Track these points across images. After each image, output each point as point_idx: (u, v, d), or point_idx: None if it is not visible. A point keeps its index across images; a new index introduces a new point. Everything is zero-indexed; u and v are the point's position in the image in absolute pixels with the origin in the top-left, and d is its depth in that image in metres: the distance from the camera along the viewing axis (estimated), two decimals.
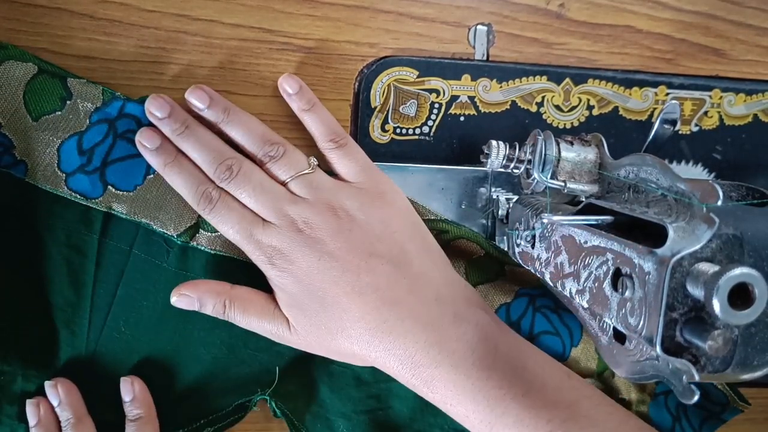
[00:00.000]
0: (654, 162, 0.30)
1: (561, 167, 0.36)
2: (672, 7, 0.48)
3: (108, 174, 0.40)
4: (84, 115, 0.39)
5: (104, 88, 0.39)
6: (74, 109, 0.39)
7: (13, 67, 0.38)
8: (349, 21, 0.43)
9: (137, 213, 0.40)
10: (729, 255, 0.24)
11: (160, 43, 0.41)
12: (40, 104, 0.38)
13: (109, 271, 0.41)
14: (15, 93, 0.38)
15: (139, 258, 0.41)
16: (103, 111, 0.39)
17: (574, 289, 0.32)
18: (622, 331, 0.29)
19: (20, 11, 0.39)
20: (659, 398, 0.49)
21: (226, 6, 0.41)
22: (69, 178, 0.39)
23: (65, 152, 0.39)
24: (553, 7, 0.46)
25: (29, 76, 0.38)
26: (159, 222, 0.40)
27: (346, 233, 0.37)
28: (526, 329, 0.46)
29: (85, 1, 0.39)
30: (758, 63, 0.50)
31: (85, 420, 0.41)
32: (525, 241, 0.39)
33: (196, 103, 0.38)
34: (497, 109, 0.46)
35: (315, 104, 0.40)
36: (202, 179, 0.38)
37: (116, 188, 0.40)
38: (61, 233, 0.40)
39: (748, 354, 0.25)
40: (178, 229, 0.41)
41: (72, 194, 0.39)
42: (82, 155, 0.39)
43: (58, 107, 0.38)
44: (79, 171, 0.39)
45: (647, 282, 0.25)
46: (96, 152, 0.39)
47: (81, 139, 0.39)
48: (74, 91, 0.39)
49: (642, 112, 0.48)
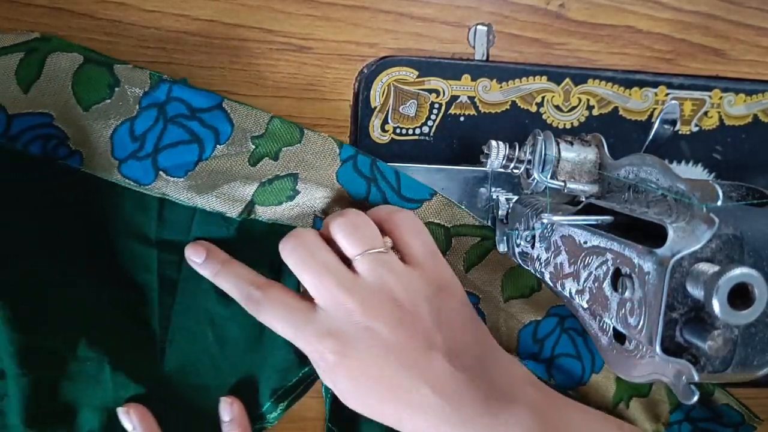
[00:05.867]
0: (654, 162, 0.30)
1: (561, 167, 0.37)
2: (672, 7, 0.48)
3: (160, 160, 0.39)
4: (133, 101, 0.38)
5: (151, 72, 0.38)
6: (123, 95, 0.38)
7: (59, 58, 0.37)
8: (349, 21, 0.43)
9: (191, 198, 0.40)
10: (729, 255, 0.24)
11: (160, 43, 0.41)
12: (89, 93, 0.38)
13: (171, 251, 0.41)
14: (64, 84, 0.37)
15: (197, 235, 0.41)
16: (151, 95, 0.38)
17: (573, 289, 0.32)
18: (622, 331, 0.29)
19: (20, 11, 0.39)
20: (673, 428, 0.49)
21: (226, 6, 0.41)
22: (122, 165, 0.39)
23: (118, 139, 0.39)
24: (553, 7, 0.46)
25: (76, 66, 0.37)
26: (213, 204, 0.40)
27: (406, 325, 0.36)
28: (548, 348, 0.46)
29: (85, 1, 0.39)
30: (758, 63, 0.50)
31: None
32: (525, 241, 0.39)
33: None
34: (497, 110, 0.46)
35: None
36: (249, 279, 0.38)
37: (168, 174, 0.39)
38: (119, 221, 0.40)
39: (748, 354, 0.25)
40: (237, 208, 0.40)
41: (125, 181, 0.39)
42: (134, 141, 0.39)
43: (106, 95, 0.38)
44: (131, 157, 0.39)
45: (647, 282, 0.25)
46: (148, 138, 0.39)
47: (133, 125, 0.39)
48: (121, 77, 0.38)
49: (642, 113, 0.48)
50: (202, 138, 0.39)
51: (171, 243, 0.41)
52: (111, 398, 0.40)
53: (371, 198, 0.42)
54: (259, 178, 0.40)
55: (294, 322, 0.36)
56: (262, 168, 0.40)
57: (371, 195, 0.42)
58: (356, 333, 0.35)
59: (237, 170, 0.40)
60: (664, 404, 0.48)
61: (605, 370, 0.47)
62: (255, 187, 0.40)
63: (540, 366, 0.46)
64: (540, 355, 0.46)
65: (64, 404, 0.39)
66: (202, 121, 0.39)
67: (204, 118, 0.39)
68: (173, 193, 0.40)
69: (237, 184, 0.40)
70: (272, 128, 0.40)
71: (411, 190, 0.42)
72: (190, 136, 0.39)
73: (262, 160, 0.40)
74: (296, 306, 0.36)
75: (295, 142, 0.40)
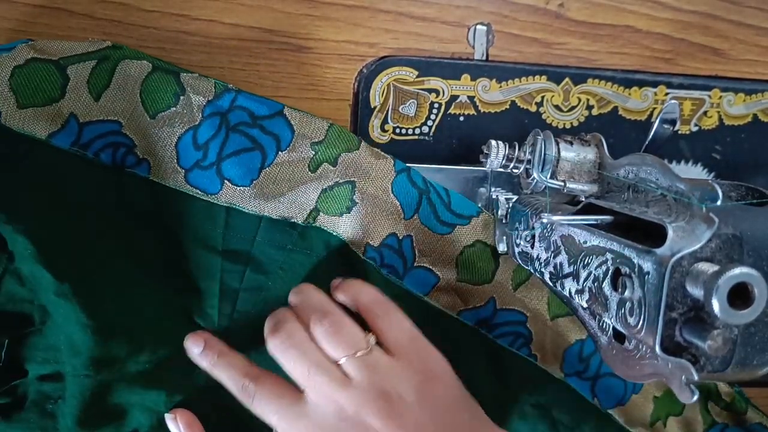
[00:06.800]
0: (653, 162, 0.30)
1: (560, 167, 0.37)
2: (671, 7, 0.48)
3: (224, 168, 0.39)
4: (197, 109, 0.39)
5: (216, 81, 0.39)
6: (187, 103, 0.38)
7: (129, 66, 0.38)
8: (349, 21, 0.43)
9: (258, 206, 0.40)
10: (728, 255, 0.24)
11: (159, 43, 0.41)
12: (155, 101, 0.38)
13: (235, 260, 0.41)
14: (132, 92, 0.38)
15: (262, 244, 0.41)
16: (214, 104, 0.39)
17: (573, 288, 0.32)
18: (622, 330, 0.29)
19: (20, 11, 0.39)
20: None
21: (226, 6, 0.41)
22: (188, 174, 0.39)
23: (182, 148, 0.39)
24: (552, 6, 0.46)
25: (144, 74, 0.38)
26: (280, 211, 0.40)
27: (398, 418, 0.36)
28: (594, 367, 0.46)
29: (85, 1, 0.39)
30: (757, 63, 0.50)
31: None
32: (525, 241, 0.39)
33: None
34: (497, 109, 0.46)
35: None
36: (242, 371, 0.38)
37: (233, 183, 0.40)
38: (186, 228, 0.40)
39: (748, 354, 0.25)
40: (302, 214, 0.41)
41: (193, 190, 0.39)
42: (197, 150, 0.39)
43: (172, 103, 0.38)
44: (196, 166, 0.39)
45: (647, 282, 0.26)
46: (211, 146, 0.39)
47: (196, 133, 0.39)
48: (187, 85, 0.38)
49: (641, 112, 0.48)
50: (264, 145, 0.40)
51: (235, 252, 0.41)
52: (162, 401, 0.40)
53: (421, 210, 0.42)
54: (321, 184, 0.41)
55: (286, 416, 0.36)
56: (322, 173, 0.41)
57: (422, 208, 0.42)
58: (348, 428, 0.36)
59: (299, 176, 0.40)
60: (698, 423, 0.49)
61: (644, 390, 0.47)
62: (318, 193, 0.41)
63: (585, 384, 0.46)
64: (584, 374, 0.47)
65: (117, 405, 0.39)
66: (263, 128, 0.39)
67: (265, 125, 0.40)
68: (240, 202, 0.40)
69: (301, 189, 0.40)
70: (331, 134, 0.40)
71: (460, 206, 0.43)
72: (252, 143, 0.39)
73: (322, 166, 0.40)
74: (289, 400, 0.37)
75: (353, 149, 0.41)
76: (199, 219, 0.40)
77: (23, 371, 0.39)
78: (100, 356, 0.37)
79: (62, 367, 0.38)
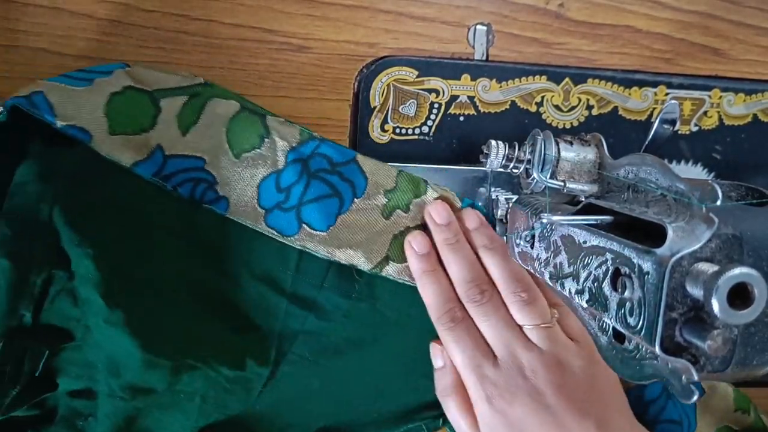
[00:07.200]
0: (653, 162, 0.30)
1: (560, 167, 0.36)
2: (671, 7, 0.48)
3: (303, 213, 0.40)
4: (281, 154, 0.39)
5: (302, 128, 0.40)
6: (272, 147, 0.39)
7: (218, 105, 0.38)
8: (349, 21, 0.43)
9: (331, 252, 0.41)
10: (728, 255, 0.24)
11: (159, 43, 0.41)
12: (240, 142, 0.39)
13: (300, 305, 0.42)
14: (219, 131, 0.38)
15: (329, 291, 0.42)
16: (297, 150, 0.39)
17: (573, 289, 0.32)
18: (622, 331, 0.29)
19: (20, 11, 0.39)
20: None
21: (226, 6, 0.41)
22: (268, 215, 0.40)
23: (264, 189, 0.39)
24: (552, 6, 0.46)
25: (232, 114, 0.38)
26: (352, 258, 0.41)
27: (567, 391, 0.38)
28: (653, 413, 0.47)
29: (85, 1, 0.39)
30: (757, 63, 0.50)
31: None
32: (524, 241, 0.39)
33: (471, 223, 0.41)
34: (497, 109, 0.46)
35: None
36: (452, 296, 0.40)
37: (310, 227, 0.40)
38: (257, 268, 0.41)
39: (748, 354, 0.25)
40: (372, 262, 0.41)
41: (269, 231, 0.40)
42: (279, 192, 0.40)
43: (257, 145, 0.39)
44: (276, 208, 0.40)
45: (646, 282, 0.26)
46: (293, 191, 0.40)
47: (279, 177, 0.39)
48: (272, 129, 0.39)
49: (641, 112, 0.48)
50: (342, 192, 0.40)
51: (301, 298, 0.42)
52: (190, 426, 0.41)
53: None
54: (392, 231, 0.41)
55: (474, 356, 0.39)
56: (395, 220, 0.41)
57: None
58: (525, 388, 0.38)
59: (373, 223, 0.41)
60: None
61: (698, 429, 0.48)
62: (390, 240, 0.41)
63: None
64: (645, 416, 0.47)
65: (146, 428, 0.40)
66: (341, 175, 0.40)
67: (343, 172, 0.40)
68: (314, 246, 0.40)
69: (375, 237, 0.41)
70: (401, 181, 0.41)
71: None
72: (331, 190, 0.40)
73: (395, 212, 0.41)
74: (482, 344, 0.39)
75: (422, 193, 0.42)
76: (271, 260, 0.41)
77: (53, 384, 0.39)
78: (140, 384, 0.38)
79: (96, 385, 0.39)
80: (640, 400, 0.47)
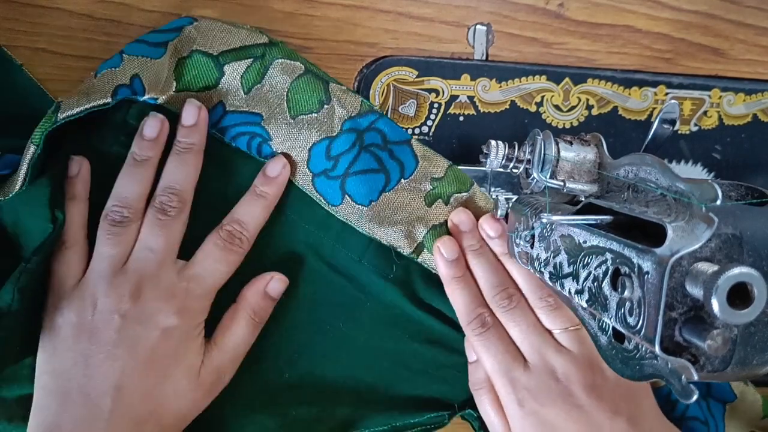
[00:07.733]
0: (653, 162, 0.30)
1: (560, 167, 0.36)
2: (671, 7, 0.48)
3: (348, 184, 0.40)
4: (338, 122, 0.40)
5: (363, 99, 0.40)
6: (330, 113, 0.40)
7: (282, 65, 0.39)
8: (349, 21, 0.43)
9: (372, 229, 0.41)
10: (728, 254, 0.24)
11: None
12: (299, 103, 0.40)
13: (338, 276, 0.43)
14: (280, 91, 0.39)
15: (366, 269, 0.42)
16: (355, 120, 0.40)
17: (573, 288, 0.32)
18: (622, 330, 0.29)
19: (20, 11, 0.39)
20: None
21: (226, 6, 0.41)
22: (315, 179, 0.41)
23: (315, 153, 0.40)
24: (552, 6, 0.46)
25: (296, 75, 0.39)
26: (391, 237, 0.42)
27: (598, 390, 0.39)
28: (680, 410, 0.47)
29: (85, 1, 0.39)
30: (757, 62, 0.50)
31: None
32: (524, 241, 0.39)
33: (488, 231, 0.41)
34: (496, 109, 0.46)
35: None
36: (481, 302, 0.40)
37: (353, 200, 0.41)
38: (301, 230, 0.42)
39: (748, 353, 0.25)
40: (411, 245, 0.42)
41: (317, 196, 0.41)
42: (329, 160, 0.40)
43: (315, 109, 0.40)
44: (323, 174, 0.40)
45: (646, 282, 0.26)
46: (341, 160, 0.40)
47: (331, 144, 0.40)
48: (334, 95, 0.40)
49: (641, 112, 0.48)
50: (389, 169, 0.41)
51: (339, 270, 0.42)
52: None
53: None
54: (432, 221, 0.42)
55: (505, 360, 0.39)
56: (435, 210, 0.42)
57: None
58: (557, 390, 0.39)
59: (414, 207, 0.42)
60: None
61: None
62: (427, 229, 0.42)
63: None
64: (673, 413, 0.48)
65: None
66: (392, 153, 0.41)
67: (394, 150, 0.41)
68: (356, 220, 0.41)
69: (414, 222, 0.41)
70: (450, 174, 0.42)
71: None
72: (378, 165, 0.40)
73: (436, 202, 0.42)
74: (512, 349, 0.40)
75: (465, 190, 0.42)
76: (316, 225, 0.42)
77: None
78: None
79: None
80: (668, 398, 0.47)
